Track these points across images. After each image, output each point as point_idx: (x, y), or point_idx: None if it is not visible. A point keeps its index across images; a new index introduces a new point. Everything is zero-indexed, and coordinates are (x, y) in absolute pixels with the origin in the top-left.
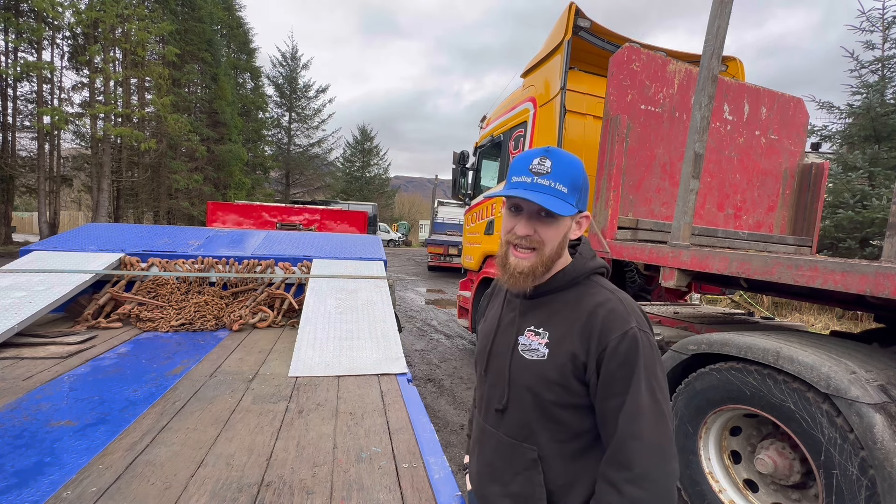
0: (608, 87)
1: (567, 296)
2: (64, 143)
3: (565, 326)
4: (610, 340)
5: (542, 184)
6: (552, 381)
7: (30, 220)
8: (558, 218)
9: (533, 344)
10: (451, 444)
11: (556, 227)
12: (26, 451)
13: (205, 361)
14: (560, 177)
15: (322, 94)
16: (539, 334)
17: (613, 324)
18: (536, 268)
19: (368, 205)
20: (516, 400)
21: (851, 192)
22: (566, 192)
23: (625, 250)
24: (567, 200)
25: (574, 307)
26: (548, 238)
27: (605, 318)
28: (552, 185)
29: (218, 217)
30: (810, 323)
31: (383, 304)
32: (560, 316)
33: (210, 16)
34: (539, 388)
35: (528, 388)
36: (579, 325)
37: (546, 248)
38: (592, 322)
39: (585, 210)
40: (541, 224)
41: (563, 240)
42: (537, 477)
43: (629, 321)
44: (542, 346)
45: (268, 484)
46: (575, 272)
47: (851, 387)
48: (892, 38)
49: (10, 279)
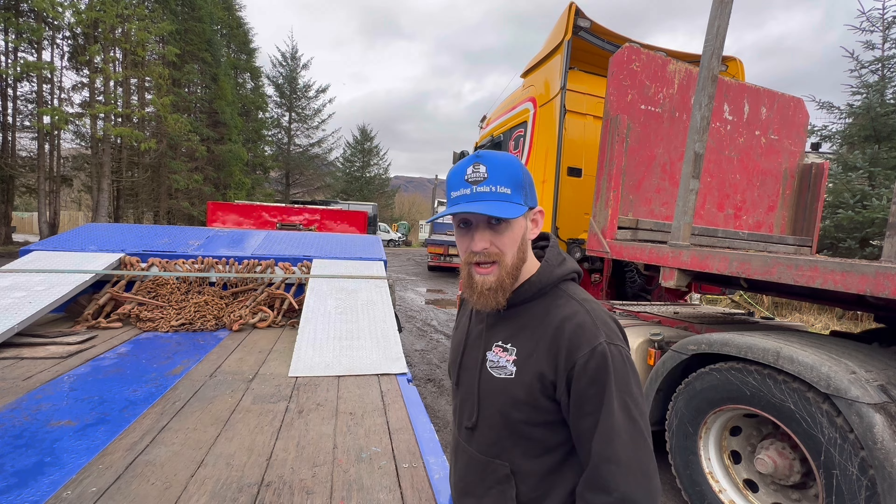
0: (608, 87)
1: (534, 308)
2: (64, 143)
3: (532, 343)
4: (578, 358)
5: (483, 191)
6: (520, 400)
7: (30, 220)
8: (510, 222)
9: (500, 361)
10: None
11: (511, 232)
12: (26, 451)
13: (205, 361)
14: (499, 179)
15: (322, 94)
16: (507, 350)
17: (581, 339)
18: (503, 280)
19: (368, 205)
20: (486, 418)
21: (851, 192)
22: (510, 193)
23: (625, 250)
24: (513, 201)
25: (541, 321)
26: (505, 246)
27: (572, 334)
28: (493, 189)
29: (218, 217)
30: (810, 323)
31: (383, 305)
32: (527, 331)
33: (210, 16)
34: (507, 408)
35: (497, 408)
36: (545, 341)
37: (507, 258)
38: (559, 338)
39: (536, 205)
40: (494, 234)
41: (523, 243)
42: (510, 492)
43: (598, 336)
44: (509, 364)
45: (268, 484)
46: (541, 282)
47: (851, 387)
48: (892, 38)
49: (10, 279)
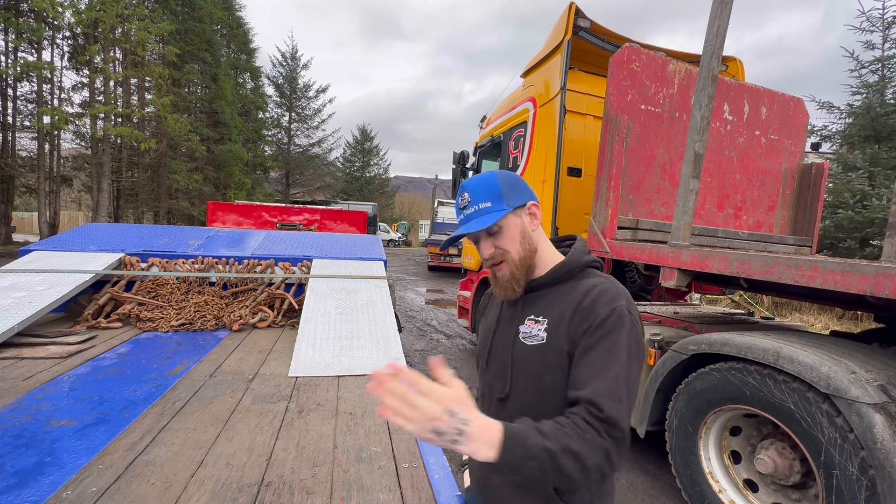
0: (608, 87)
1: (563, 287)
2: (64, 143)
3: (562, 310)
4: (599, 313)
5: (470, 213)
6: (553, 364)
7: (30, 220)
8: (503, 225)
9: (533, 331)
10: None
11: (507, 232)
12: (26, 451)
13: (205, 361)
14: (479, 198)
15: (322, 94)
16: (538, 321)
17: (604, 299)
18: (514, 272)
19: (368, 205)
20: (518, 387)
21: (851, 192)
22: (491, 206)
23: (625, 250)
24: (494, 210)
25: (570, 293)
26: (507, 245)
27: (597, 296)
28: (477, 208)
29: (218, 217)
30: (810, 323)
31: (383, 305)
32: (557, 303)
33: (210, 16)
34: (541, 372)
35: (530, 374)
36: (573, 306)
37: (512, 253)
38: (584, 300)
39: (527, 201)
40: (494, 239)
41: (524, 235)
42: None
43: (619, 299)
44: (541, 332)
45: (268, 484)
46: (570, 265)
47: (851, 387)
48: (892, 38)
49: (10, 279)
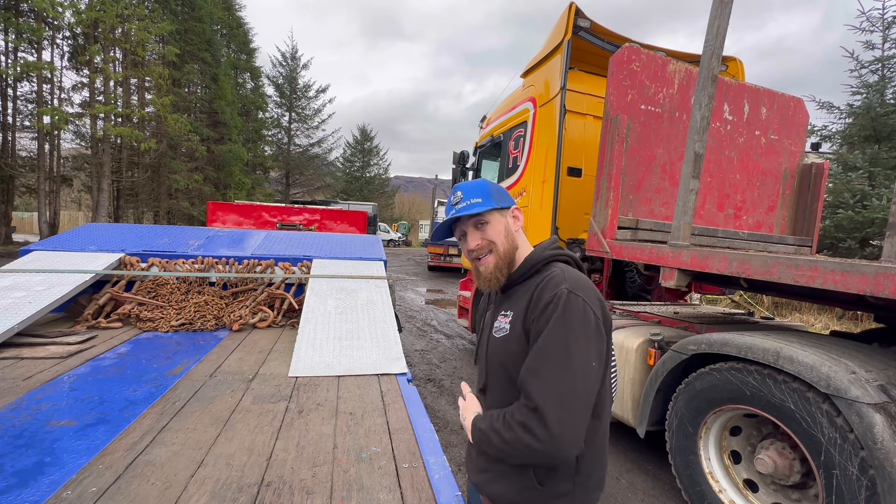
0: (608, 87)
1: (529, 282)
2: (64, 143)
3: (522, 303)
4: (543, 299)
5: (462, 206)
6: (514, 351)
7: (30, 220)
8: (490, 220)
9: (501, 325)
10: (451, 444)
11: (493, 227)
12: (26, 451)
13: (205, 361)
14: (471, 195)
15: (322, 94)
16: (507, 315)
17: (549, 287)
18: (499, 263)
19: (368, 205)
20: (493, 378)
21: (851, 192)
22: (481, 201)
23: (625, 250)
24: (483, 204)
25: (530, 286)
26: (493, 237)
27: (543, 286)
28: (468, 203)
29: (218, 217)
30: (810, 323)
31: (383, 305)
32: (521, 295)
33: (210, 16)
34: (507, 363)
35: (500, 364)
36: (528, 295)
37: (499, 245)
38: (535, 291)
39: (511, 205)
40: (481, 232)
41: (508, 234)
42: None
43: (561, 284)
44: (506, 324)
45: (268, 484)
46: (533, 260)
47: (851, 387)
48: (892, 38)
49: (10, 279)
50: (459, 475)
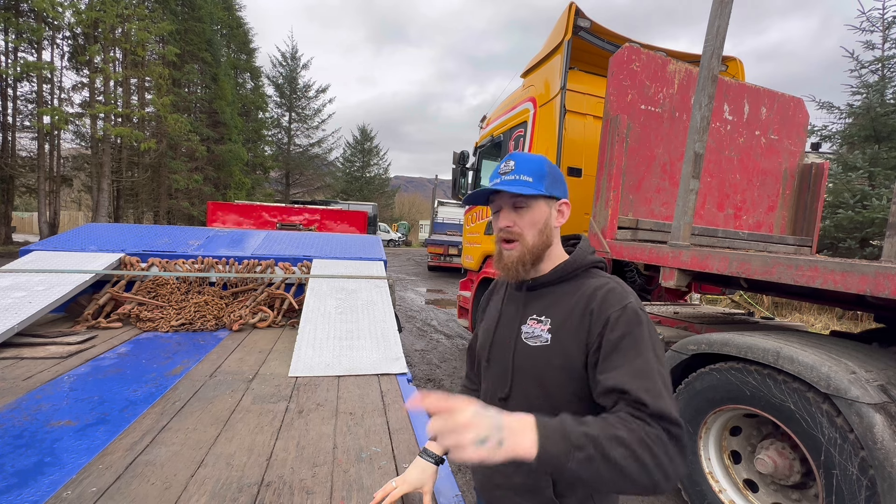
0: (608, 87)
1: (567, 286)
2: (64, 143)
3: (566, 311)
4: (611, 314)
5: (508, 179)
6: (556, 365)
7: (30, 220)
8: (532, 206)
9: (535, 331)
10: None
11: (531, 215)
12: (26, 451)
13: (205, 361)
14: (523, 170)
15: (322, 94)
16: (541, 321)
17: (613, 299)
18: (523, 255)
19: (368, 205)
20: (520, 388)
21: (851, 192)
22: (532, 182)
23: (625, 250)
24: (533, 186)
25: (574, 293)
26: (525, 227)
27: (604, 296)
28: (517, 178)
29: (218, 217)
30: (810, 323)
31: (383, 304)
32: (561, 303)
33: (210, 16)
34: (543, 375)
35: (533, 376)
36: (580, 307)
37: (527, 238)
38: (591, 302)
39: (561, 197)
40: (517, 215)
41: (545, 227)
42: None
43: (627, 297)
44: (544, 332)
45: (268, 484)
46: (575, 264)
47: (851, 387)
48: (892, 38)
49: (10, 279)
50: (459, 475)
